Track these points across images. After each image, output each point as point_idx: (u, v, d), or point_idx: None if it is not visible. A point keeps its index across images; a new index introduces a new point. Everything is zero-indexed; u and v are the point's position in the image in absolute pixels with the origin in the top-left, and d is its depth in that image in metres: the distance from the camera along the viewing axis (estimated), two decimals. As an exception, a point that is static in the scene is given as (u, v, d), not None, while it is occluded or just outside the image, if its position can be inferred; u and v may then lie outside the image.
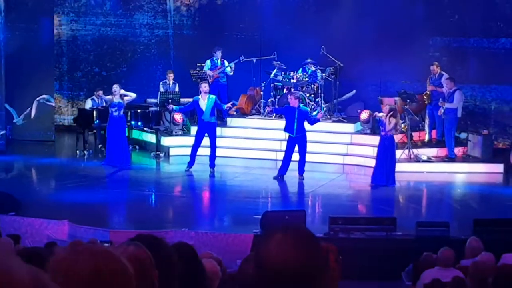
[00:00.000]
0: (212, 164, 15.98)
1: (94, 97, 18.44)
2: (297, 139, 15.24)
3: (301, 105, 15.66)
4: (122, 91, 16.37)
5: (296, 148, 15.32)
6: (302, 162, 15.39)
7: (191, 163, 16.06)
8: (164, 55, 20.61)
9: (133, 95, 16.53)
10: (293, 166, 15.42)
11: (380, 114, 15.30)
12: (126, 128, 16.98)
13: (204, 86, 15.99)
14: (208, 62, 18.66)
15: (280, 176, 15.49)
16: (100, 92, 18.33)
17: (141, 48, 20.76)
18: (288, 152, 15.40)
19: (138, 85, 19.53)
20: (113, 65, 20.81)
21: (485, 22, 18.62)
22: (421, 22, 18.80)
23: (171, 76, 19.06)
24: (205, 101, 15.80)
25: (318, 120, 15.65)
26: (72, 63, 20.99)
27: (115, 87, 16.37)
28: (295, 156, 15.40)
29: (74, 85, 21.05)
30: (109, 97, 16.59)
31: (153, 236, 3.21)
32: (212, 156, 15.97)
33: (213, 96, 16.03)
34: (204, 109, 15.75)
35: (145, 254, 2.68)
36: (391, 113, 15.05)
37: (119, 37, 20.75)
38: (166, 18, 20.62)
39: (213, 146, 15.93)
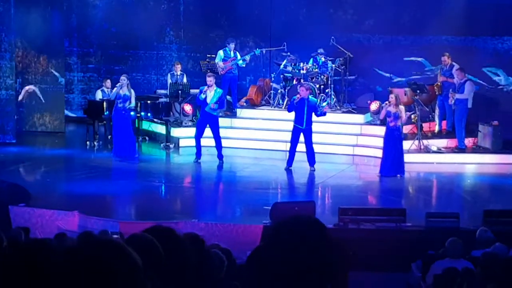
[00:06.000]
0: (219, 155, 15.98)
1: (103, 87, 18.46)
2: (303, 130, 15.21)
3: (310, 96, 15.62)
4: (132, 94, 16.35)
5: (302, 139, 15.26)
6: (311, 154, 15.33)
7: (198, 154, 16.07)
8: (172, 44, 20.55)
9: (132, 101, 16.48)
10: (303, 156, 15.38)
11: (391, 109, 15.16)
12: (132, 120, 16.97)
13: (209, 81, 15.89)
14: (220, 52, 18.54)
15: (288, 167, 15.46)
16: (108, 82, 18.33)
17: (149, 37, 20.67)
18: (294, 143, 15.35)
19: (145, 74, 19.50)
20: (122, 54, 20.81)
21: (494, 20, 18.42)
22: (432, 14, 18.68)
23: (178, 67, 19.00)
24: (211, 93, 15.82)
25: (324, 114, 15.58)
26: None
27: (123, 78, 16.36)
28: (301, 147, 15.34)
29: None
30: (115, 89, 16.51)
31: (168, 227, 3.23)
32: (218, 148, 15.96)
33: (220, 90, 16.03)
34: (208, 101, 15.77)
35: None
36: (396, 101, 15.01)
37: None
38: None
39: (216, 138, 15.91)
